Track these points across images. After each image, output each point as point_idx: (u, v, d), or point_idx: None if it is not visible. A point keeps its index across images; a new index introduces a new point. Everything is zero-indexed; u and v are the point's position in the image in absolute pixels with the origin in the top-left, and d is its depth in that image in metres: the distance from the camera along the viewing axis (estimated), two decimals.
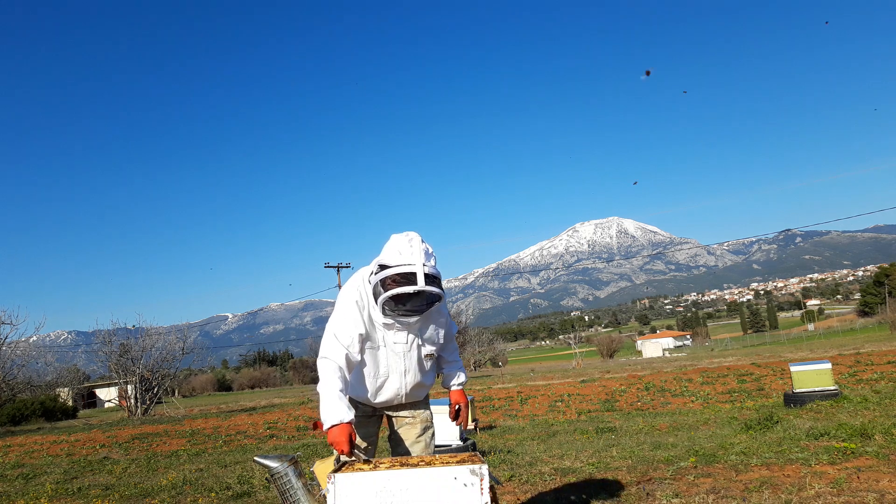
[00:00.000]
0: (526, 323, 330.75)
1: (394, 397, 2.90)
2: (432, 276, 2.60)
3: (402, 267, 2.56)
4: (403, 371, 2.83)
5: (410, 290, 2.53)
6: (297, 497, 2.87)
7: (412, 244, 2.62)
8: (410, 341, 2.80)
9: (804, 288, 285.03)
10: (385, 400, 2.91)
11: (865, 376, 13.07)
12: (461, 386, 3.07)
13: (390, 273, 2.58)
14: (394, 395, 2.89)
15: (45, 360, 36.86)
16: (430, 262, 2.62)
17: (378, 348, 2.79)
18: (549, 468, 5.60)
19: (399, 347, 2.79)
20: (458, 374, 3.07)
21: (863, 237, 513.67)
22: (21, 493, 6.76)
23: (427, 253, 2.63)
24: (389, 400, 2.91)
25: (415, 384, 2.89)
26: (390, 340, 2.78)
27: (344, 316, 2.71)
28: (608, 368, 36.70)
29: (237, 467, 7.77)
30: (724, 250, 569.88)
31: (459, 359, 3.12)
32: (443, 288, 2.68)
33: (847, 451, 4.93)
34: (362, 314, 2.71)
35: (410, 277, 2.55)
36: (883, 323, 60.06)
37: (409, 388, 2.89)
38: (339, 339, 2.67)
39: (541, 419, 11.68)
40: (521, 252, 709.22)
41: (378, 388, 2.86)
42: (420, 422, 2.99)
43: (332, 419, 2.52)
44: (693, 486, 4.39)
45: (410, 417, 2.99)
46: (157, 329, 29.70)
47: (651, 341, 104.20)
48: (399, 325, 2.72)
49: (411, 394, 2.92)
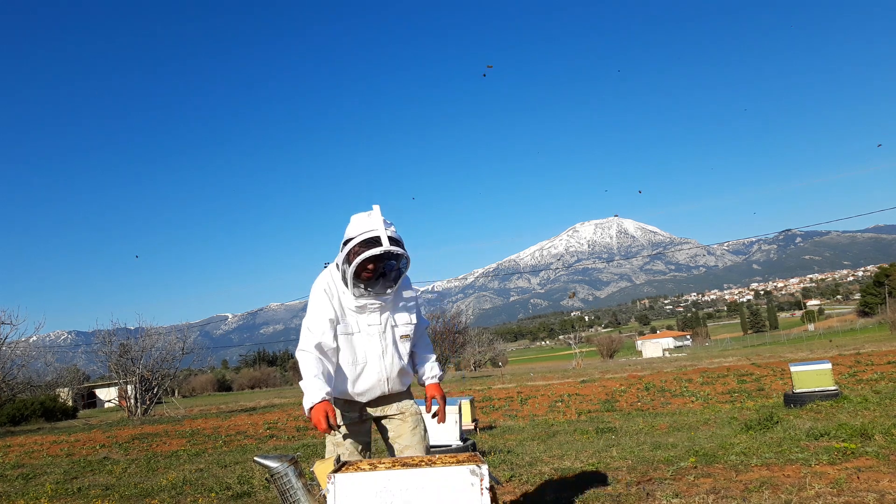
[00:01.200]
0: (526, 323, 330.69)
1: (376, 384, 2.89)
2: (395, 238, 2.71)
3: (365, 234, 2.68)
4: (381, 353, 2.85)
5: (377, 252, 2.64)
6: (297, 497, 2.87)
7: (371, 214, 2.76)
8: (384, 321, 2.84)
9: (804, 288, 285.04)
10: (368, 389, 2.88)
11: (865, 376, 13.07)
12: (436, 379, 3.04)
13: (354, 243, 2.70)
14: (376, 381, 2.88)
15: (45, 361, 36.86)
16: (391, 228, 2.74)
17: (353, 334, 2.83)
18: (549, 468, 5.60)
19: (374, 329, 2.83)
20: (432, 366, 3.05)
21: (863, 237, 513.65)
22: (21, 493, 6.75)
23: (386, 221, 2.75)
24: (372, 388, 2.89)
25: (395, 367, 2.89)
26: (364, 324, 2.82)
27: (313, 307, 2.83)
28: (608, 368, 36.70)
29: (237, 467, 7.77)
30: (724, 250, 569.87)
31: (433, 352, 3.12)
32: (406, 251, 2.76)
33: (847, 452, 4.93)
34: (332, 301, 2.80)
35: (374, 241, 2.66)
36: (883, 323, 60.05)
37: (390, 371, 2.88)
38: (312, 330, 2.79)
39: (541, 419, 11.68)
40: (521, 252, 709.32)
41: (359, 376, 2.86)
42: (410, 415, 3.00)
43: (308, 403, 2.65)
44: (693, 486, 4.39)
45: (399, 414, 2.99)
46: (157, 329, 29.69)
47: (651, 341, 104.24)
48: (372, 298, 2.78)
49: (394, 380, 2.92)
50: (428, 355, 3.08)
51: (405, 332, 2.91)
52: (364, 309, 2.80)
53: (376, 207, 2.80)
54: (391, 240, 2.68)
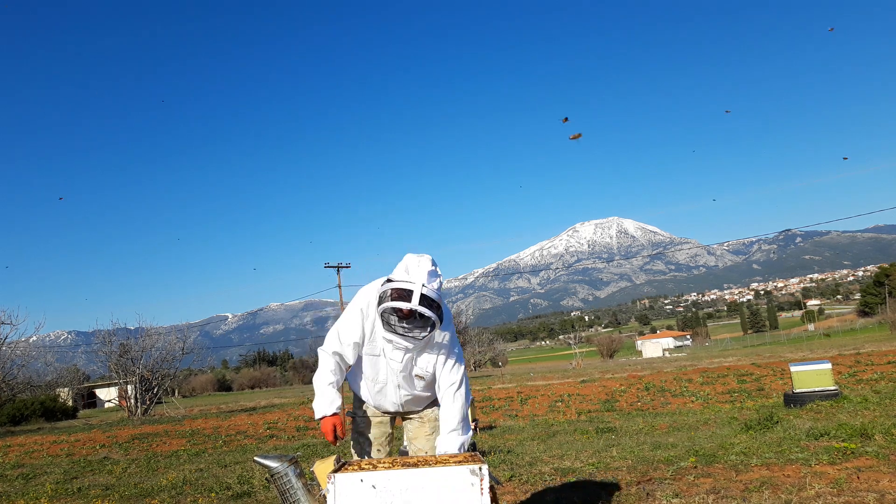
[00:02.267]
0: (526, 323, 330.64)
1: (390, 405, 3.00)
2: (430, 298, 2.61)
3: (403, 283, 2.63)
4: (397, 385, 2.93)
5: (403, 307, 2.60)
6: (297, 497, 2.87)
7: (419, 264, 2.69)
8: (406, 363, 2.86)
9: (804, 288, 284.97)
10: (383, 405, 3.00)
11: (865, 376, 13.07)
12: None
13: (391, 287, 2.67)
14: (390, 403, 2.99)
15: (45, 361, 36.86)
16: (432, 285, 2.65)
17: (378, 356, 2.89)
18: (549, 468, 5.60)
19: (395, 365, 2.88)
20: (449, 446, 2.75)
21: (863, 237, 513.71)
22: (21, 493, 6.75)
23: (432, 274, 2.67)
24: (387, 406, 3.01)
25: (409, 398, 2.98)
26: (388, 353, 2.87)
27: (347, 319, 2.88)
28: (608, 368, 36.71)
29: (237, 467, 7.77)
30: (724, 250, 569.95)
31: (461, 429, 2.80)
32: (441, 316, 2.67)
33: (847, 452, 4.93)
34: (364, 322, 2.85)
35: (406, 294, 2.61)
36: (883, 323, 60.08)
37: (404, 400, 2.97)
38: (340, 338, 2.87)
39: (541, 419, 11.68)
40: (521, 252, 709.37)
41: (376, 393, 2.98)
42: (428, 421, 3.06)
43: (318, 413, 2.81)
44: (693, 486, 4.39)
45: (419, 419, 3.08)
46: (157, 329, 29.71)
47: (651, 341, 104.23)
48: (400, 338, 2.73)
49: (407, 406, 3.01)
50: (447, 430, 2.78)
51: (420, 373, 2.91)
52: (391, 343, 2.80)
53: (426, 258, 2.73)
54: (423, 298, 2.59)
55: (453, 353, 2.92)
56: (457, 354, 2.93)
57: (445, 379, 2.88)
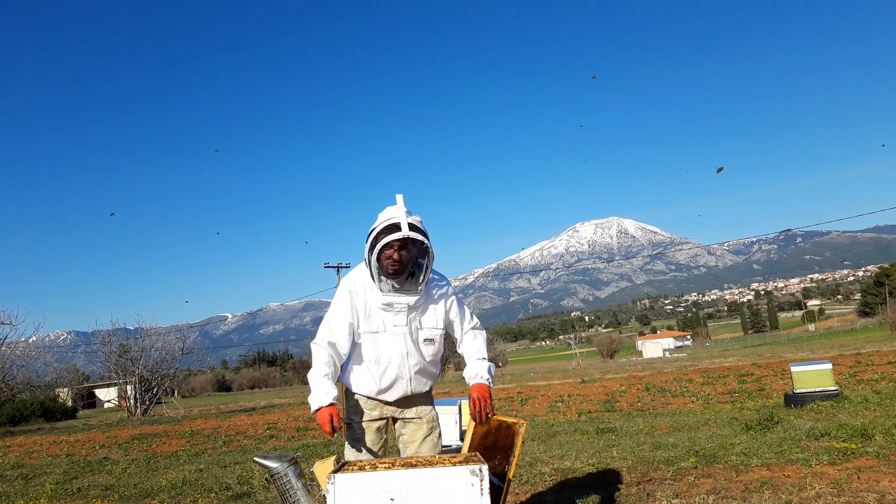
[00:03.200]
0: (526, 323, 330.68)
1: (398, 384, 2.87)
2: (416, 226, 2.71)
3: (386, 221, 2.70)
4: (405, 353, 2.84)
5: (397, 237, 2.64)
6: (297, 497, 2.86)
7: (396, 204, 2.77)
8: (410, 323, 2.83)
9: (805, 288, 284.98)
10: (390, 387, 2.87)
11: (866, 377, 13.06)
12: (481, 379, 2.88)
13: (376, 231, 2.72)
14: (398, 381, 2.87)
15: (45, 361, 36.77)
16: (414, 217, 2.75)
17: (377, 333, 2.83)
18: (550, 468, 5.59)
19: (399, 330, 2.82)
20: (477, 367, 2.92)
21: (863, 237, 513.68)
22: (20, 494, 6.75)
23: (409, 212, 2.76)
24: (394, 388, 2.88)
25: (418, 368, 2.88)
26: (390, 324, 2.82)
27: (336, 305, 2.85)
28: (608, 369, 36.70)
29: (237, 468, 7.77)
30: (725, 250, 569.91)
31: (483, 354, 2.97)
32: (429, 239, 2.74)
33: (848, 452, 4.92)
34: (354, 301, 2.82)
35: (395, 227, 2.67)
36: (883, 323, 60.02)
37: (413, 371, 2.87)
38: (331, 326, 2.82)
39: (541, 419, 11.68)
40: (521, 252, 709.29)
41: (381, 374, 2.85)
42: (426, 422, 2.99)
43: (314, 405, 2.72)
44: (693, 486, 4.39)
45: (417, 418, 2.98)
46: (157, 329, 29.70)
47: (651, 341, 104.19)
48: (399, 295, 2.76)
49: (416, 380, 2.90)
50: (475, 358, 2.95)
51: (429, 335, 2.88)
52: (391, 307, 2.78)
53: (399, 197, 2.79)
54: (411, 226, 2.67)
55: (462, 305, 2.98)
56: (466, 307, 3.00)
57: (464, 325, 2.98)
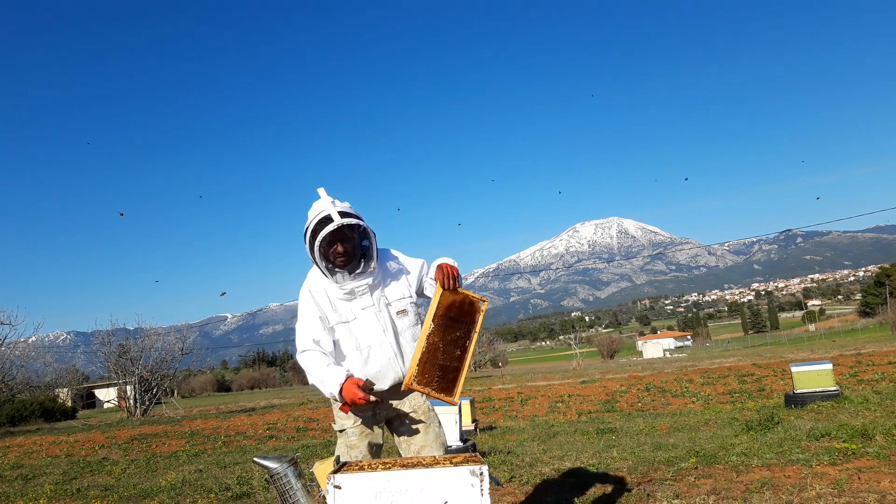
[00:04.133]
0: (526, 323, 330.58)
1: (386, 365, 2.81)
2: (346, 212, 2.70)
3: (316, 217, 2.70)
4: (382, 330, 2.81)
5: (331, 228, 2.64)
6: (297, 498, 2.86)
7: (319, 198, 2.78)
8: (377, 300, 2.81)
9: (805, 288, 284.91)
10: (378, 371, 2.80)
11: (866, 377, 13.06)
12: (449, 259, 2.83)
13: (311, 228, 2.71)
14: (385, 361, 2.80)
15: (44, 361, 36.78)
16: (342, 204, 2.75)
17: (349, 322, 2.81)
18: (550, 469, 5.59)
19: (369, 311, 2.80)
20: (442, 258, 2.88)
21: (863, 237, 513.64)
22: (20, 494, 6.75)
23: (335, 202, 2.76)
24: (383, 371, 2.80)
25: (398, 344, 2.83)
26: (358, 308, 2.80)
27: (300, 310, 2.85)
28: (608, 369, 36.69)
29: (236, 468, 7.76)
30: (725, 250, 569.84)
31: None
32: (362, 219, 2.74)
33: (848, 452, 4.92)
34: (316, 298, 2.81)
35: (326, 220, 2.67)
36: (884, 323, 60.01)
37: (396, 348, 2.82)
38: (303, 330, 2.80)
39: (541, 420, 11.67)
40: (521, 252, 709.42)
41: (366, 360, 2.80)
42: (423, 413, 2.90)
43: (335, 385, 2.64)
44: (694, 486, 4.38)
45: (412, 412, 2.90)
46: (157, 329, 29.70)
47: (652, 342, 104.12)
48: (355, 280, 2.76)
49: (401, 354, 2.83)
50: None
51: (400, 307, 2.85)
52: (353, 294, 2.78)
53: (320, 190, 2.80)
54: (342, 214, 2.67)
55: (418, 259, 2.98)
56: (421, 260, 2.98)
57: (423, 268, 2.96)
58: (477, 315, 2.79)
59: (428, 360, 2.68)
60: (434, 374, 2.67)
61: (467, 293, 2.76)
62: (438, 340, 2.70)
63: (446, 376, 2.69)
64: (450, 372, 2.70)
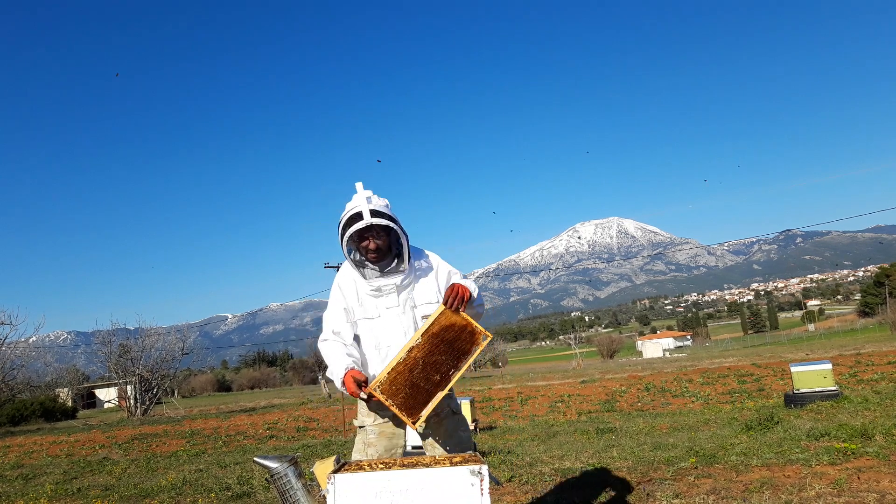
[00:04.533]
0: (526, 323, 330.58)
1: None
2: (378, 210, 2.68)
3: (349, 212, 2.70)
4: (403, 332, 2.79)
5: (360, 226, 2.63)
6: (297, 497, 2.87)
7: (357, 193, 2.76)
8: (403, 302, 2.80)
9: (804, 288, 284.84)
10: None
11: (866, 377, 13.07)
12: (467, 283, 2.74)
13: (342, 223, 2.71)
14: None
15: (45, 361, 36.77)
16: (377, 202, 2.72)
17: (373, 318, 2.82)
18: (550, 469, 5.59)
19: (393, 311, 2.79)
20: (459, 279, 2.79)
21: (863, 237, 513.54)
22: (20, 494, 6.75)
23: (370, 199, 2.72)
24: None
25: None
26: (383, 307, 2.80)
27: (330, 301, 2.88)
28: (608, 369, 36.69)
29: (237, 468, 7.77)
30: (725, 250, 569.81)
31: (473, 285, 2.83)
32: (396, 221, 2.71)
33: (848, 452, 4.92)
34: (344, 292, 2.83)
35: (357, 217, 2.66)
36: (883, 323, 59.99)
37: None
38: (328, 319, 2.84)
39: (541, 420, 11.68)
40: (521, 252, 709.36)
41: (384, 360, 2.79)
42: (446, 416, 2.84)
43: (337, 378, 2.65)
44: (693, 486, 4.39)
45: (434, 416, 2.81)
46: (157, 329, 29.74)
47: (651, 342, 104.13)
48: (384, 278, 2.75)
49: None
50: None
51: (426, 311, 2.80)
52: (380, 291, 2.78)
53: (358, 185, 2.78)
54: (373, 212, 2.65)
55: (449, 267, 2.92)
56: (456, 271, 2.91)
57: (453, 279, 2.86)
58: (473, 347, 2.65)
59: (401, 372, 2.57)
60: (402, 390, 2.55)
61: (471, 321, 2.64)
62: (420, 357, 2.59)
63: (416, 396, 2.55)
64: (421, 393, 2.56)
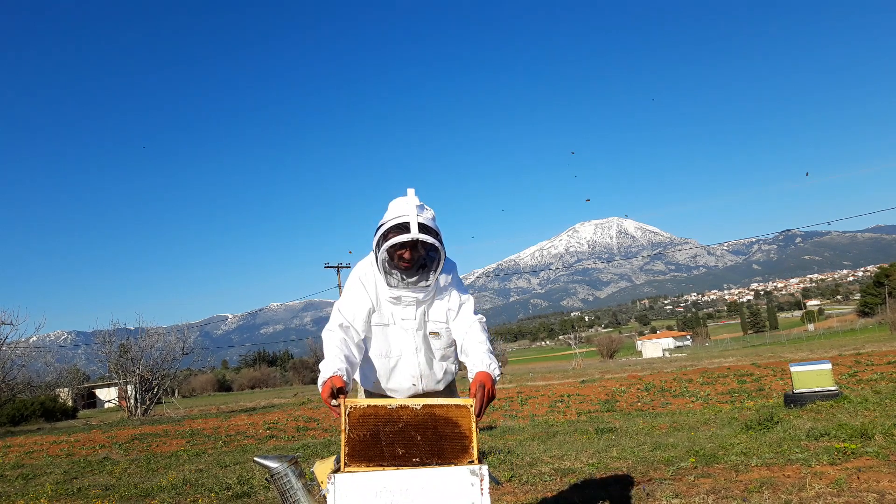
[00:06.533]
0: (526, 323, 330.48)
1: (408, 381, 2.73)
2: (427, 226, 2.54)
3: (396, 219, 2.55)
4: (415, 349, 2.70)
5: (404, 239, 2.50)
6: (297, 497, 2.87)
7: (407, 199, 2.61)
8: (419, 316, 2.70)
9: (804, 288, 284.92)
10: (399, 385, 2.72)
11: (865, 377, 13.07)
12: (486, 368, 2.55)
13: (384, 228, 2.57)
14: (408, 377, 2.72)
15: (45, 361, 36.82)
16: (426, 215, 2.59)
17: (387, 325, 2.71)
18: (550, 468, 5.60)
19: (409, 324, 2.69)
20: (482, 356, 2.60)
21: (863, 237, 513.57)
22: (21, 494, 6.75)
23: (421, 207, 2.61)
24: (403, 385, 2.73)
25: (428, 364, 2.74)
26: (399, 317, 2.69)
27: (347, 292, 2.73)
28: (608, 369, 36.70)
29: (237, 468, 7.77)
30: (724, 250, 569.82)
31: (486, 343, 2.69)
32: (442, 243, 2.59)
33: (847, 452, 4.93)
34: (367, 289, 2.68)
35: (404, 227, 2.52)
36: (883, 323, 59.99)
37: (423, 368, 2.73)
38: (342, 311, 2.67)
39: (541, 419, 11.68)
40: (521, 252, 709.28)
41: (391, 370, 2.73)
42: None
43: (320, 380, 2.46)
44: (693, 486, 4.39)
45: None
46: (157, 329, 29.74)
47: (651, 342, 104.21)
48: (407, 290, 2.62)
49: (427, 377, 2.75)
50: (477, 347, 2.65)
51: (435, 329, 2.73)
52: (399, 301, 2.66)
53: (410, 191, 2.63)
54: (422, 227, 2.51)
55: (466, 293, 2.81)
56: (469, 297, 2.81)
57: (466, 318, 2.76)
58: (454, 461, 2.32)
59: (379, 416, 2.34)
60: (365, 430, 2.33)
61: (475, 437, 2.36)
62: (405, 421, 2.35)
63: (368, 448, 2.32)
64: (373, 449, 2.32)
